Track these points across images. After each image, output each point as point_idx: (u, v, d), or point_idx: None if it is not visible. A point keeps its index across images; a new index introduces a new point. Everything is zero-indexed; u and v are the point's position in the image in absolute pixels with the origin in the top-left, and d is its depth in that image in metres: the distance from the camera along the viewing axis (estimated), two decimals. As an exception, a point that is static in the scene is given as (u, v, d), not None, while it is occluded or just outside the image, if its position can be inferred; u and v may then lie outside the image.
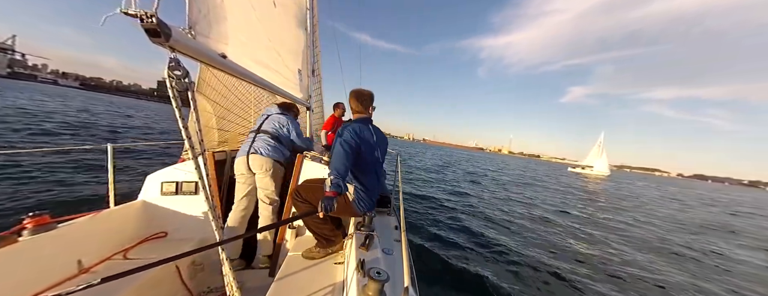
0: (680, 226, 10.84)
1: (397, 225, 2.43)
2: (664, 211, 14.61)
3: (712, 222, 12.83)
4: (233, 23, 1.69)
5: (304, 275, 1.85)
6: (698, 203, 22.59)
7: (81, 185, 6.08)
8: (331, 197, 1.70)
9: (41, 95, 35.27)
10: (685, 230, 10.25)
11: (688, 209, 17.11)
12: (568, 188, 20.71)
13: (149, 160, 9.54)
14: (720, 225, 12.46)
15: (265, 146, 2.54)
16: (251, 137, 2.62)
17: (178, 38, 1.04)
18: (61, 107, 23.91)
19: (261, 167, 2.49)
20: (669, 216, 12.96)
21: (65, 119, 16.05)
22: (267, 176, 2.52)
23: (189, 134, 1.25)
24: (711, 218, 14.08)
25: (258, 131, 2.66)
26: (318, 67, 5.89)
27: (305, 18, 3.33)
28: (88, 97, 50.30)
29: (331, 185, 1.72)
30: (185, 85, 1.14)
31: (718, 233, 10.55)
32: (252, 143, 2.56)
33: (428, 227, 6.24)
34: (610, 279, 4.85)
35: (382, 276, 1.13)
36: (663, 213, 13.69)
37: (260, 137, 2.61)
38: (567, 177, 37.29)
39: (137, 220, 2.40)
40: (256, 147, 2.53)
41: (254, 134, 2.63)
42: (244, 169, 2.54)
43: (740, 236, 10.40)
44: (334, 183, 1.72)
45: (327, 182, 1.75)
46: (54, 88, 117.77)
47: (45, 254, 1.65)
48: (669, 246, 7.49)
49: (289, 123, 2.72)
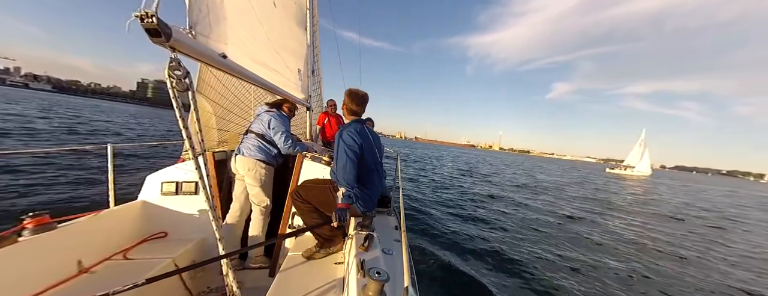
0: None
1: (397, 224, 2.43)
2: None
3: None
4: (233, 23, 1.69)
5: (304, 275, 1.85)
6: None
7: (81, 186, 6.08)
8: (344, 208, 1.74)
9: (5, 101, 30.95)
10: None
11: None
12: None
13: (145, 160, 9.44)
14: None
15: (248, 146, 2.51)
16: (241, 139, 2.62)
17: (178, 38, 1.05)
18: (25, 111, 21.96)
19: (245, 167, 2.46)
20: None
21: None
22: (252, 177, 2.47)
23: (189, 134, 1.25)
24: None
25: (247, 131, 2.65)
26: (318, 67, 5.90)
27: (305, 18, 3.33)
28: (52, 102, 46.99)
29: (344, 197, 1.75)
30: (185, 85, 1.14)
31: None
32: (240, 144, 2.57)
33: (428, 227, 6.24)
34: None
35: (382, 276, 1.13)
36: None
37: (247, 137, 2.58)
38: (617, 181, 32.39)
39: (137, 220, 2.40)
40: (241, 148, 2.51)
41: (244, 136, 2.63)
42: (235, 170, 2.55)
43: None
44: (347, 195, 1.76)
45: (339, 195, 1.78)
46: (25, 92, 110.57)
47: (45, 254, 1.65)
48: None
49: (272, 120, 2.57)
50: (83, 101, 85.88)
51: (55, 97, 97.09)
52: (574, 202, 12.48)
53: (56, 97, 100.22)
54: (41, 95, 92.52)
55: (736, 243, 8.27)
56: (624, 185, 27.53)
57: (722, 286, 5.03)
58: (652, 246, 6.98)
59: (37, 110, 25.28)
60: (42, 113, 22.97)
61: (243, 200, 2.59)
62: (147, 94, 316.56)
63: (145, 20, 0.90)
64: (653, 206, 14.02)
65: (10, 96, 47.36)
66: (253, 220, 2.55)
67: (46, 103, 40.91)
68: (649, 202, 15.77)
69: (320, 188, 2.10)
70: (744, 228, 10.96)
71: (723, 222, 11.64)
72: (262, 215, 2.54)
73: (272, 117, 2.58)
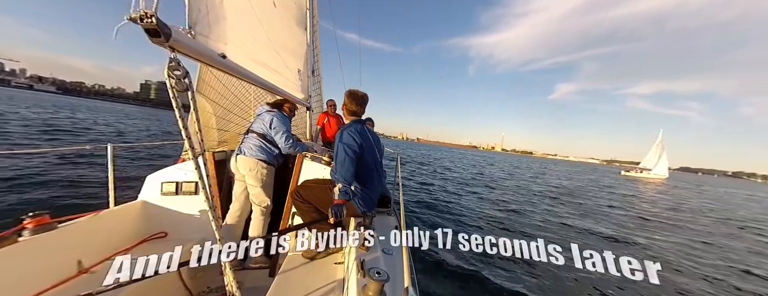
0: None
1: (397, 224, 2.42)
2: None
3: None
4: (233, 23, 1.69)
5: (304, 275, 1.85)
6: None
7: (81, 186, 6.09)
8: (340, 204, 1.75)
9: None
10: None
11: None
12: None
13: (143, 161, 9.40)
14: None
15: (249, 145, 2.50)
16: (242, 139, 2.62)
17: (178, 38, 1.05)
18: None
19: (246, 167, 2.45)
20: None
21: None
22: (253, 177, 2.46)
23: (189, 134, 1.25)
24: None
25: (248, 131, 2.64)
26: (318, 67, 5.90)
27: (305, 18, 3.33)
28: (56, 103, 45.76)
29: (340, 193, 1.76)
30: (185, 85, 1.13)
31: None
32: (241, 144, 2.56)
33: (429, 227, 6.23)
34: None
35: (382, 276, 1.13)
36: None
37: (248, 136, 2.58)
38: (637, 185, 29.54)
39: (137, 220, 2.40)
40: (243, 148, 2.50)
41: (244, 135, 2.63)
42: (235, 170, 2.54)
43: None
44: (343, 191, 1.77)
45: (335, 191, 1.78)
46: (28, 94, 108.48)
47: (45, 254, 1.65)
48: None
49: (274, 120, 2.57)
50: (87, 102, 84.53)
51: (59, 99, 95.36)
52: (613, 214, 10.46)
53: (60, 99, 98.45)
54: (45, 96, 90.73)
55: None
56: (647, 189, 25.20)
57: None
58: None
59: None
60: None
61: (243, 201, 2.58)
62: (150, 95, 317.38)
63: (144, 20, 0.90)
64: (701, 215, 12.50)
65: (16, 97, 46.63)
66: (253, 220, 2.54)
67: (48, 104, 40.59)
68: (694, 210, 14.02)
69: (320, 187, 2.10)
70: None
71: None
72: (263, 216, 2.52)
73: (274, 117, 2.57)
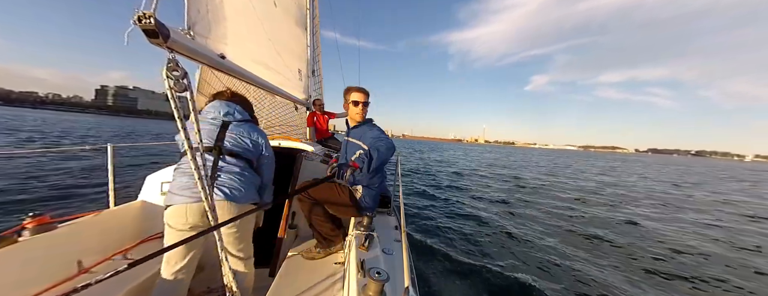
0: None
1: (397, 224, 2.42)
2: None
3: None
4: (233, 23, 1.69)
5: (304, 275, 1.85)
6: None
7: (81, 186, 6.10)
8: (348, 166, 1.61)
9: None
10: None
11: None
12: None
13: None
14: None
15: (231, 179, 1.57)
16: (198, 161, 1.26)
17: (176, 39, 1.04)
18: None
19: (230, 215, 1.51)
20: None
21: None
22: (240, 230, 1.66)
23: (188, 134, 1.25)
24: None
25: (214, 148, 1.58)
26: (318, 67, 5.90)
27: (305, 18, 3.33)
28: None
29: (350, 175, 1.61)
30: (184, 85, 1.13)
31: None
32: (206, 175, 1.34)
33: (429, 227, 6.23)
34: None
35: (382, 276, 1.13)
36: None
37: (224, 161, 1.59)
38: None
39: (137, 220, 2.40)
40: (220, 183, 1.53)
41: (200, 154, 1.39)
42: (182, 221, 1.50)
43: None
44: (352, 174, 1.62)
45: (347, 171, 1.61)
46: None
47: (45, 254, 1.65)
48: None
49: (260, 136, 1.79)
50: (34, 114, 71.13)
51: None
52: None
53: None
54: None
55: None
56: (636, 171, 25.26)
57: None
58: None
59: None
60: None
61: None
62: (107, 102, 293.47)
63: (142, 21, 0.90)
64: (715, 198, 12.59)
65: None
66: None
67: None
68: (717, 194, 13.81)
69: (321, 187, 2.10)
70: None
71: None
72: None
73: (252, 130, 1.88)
